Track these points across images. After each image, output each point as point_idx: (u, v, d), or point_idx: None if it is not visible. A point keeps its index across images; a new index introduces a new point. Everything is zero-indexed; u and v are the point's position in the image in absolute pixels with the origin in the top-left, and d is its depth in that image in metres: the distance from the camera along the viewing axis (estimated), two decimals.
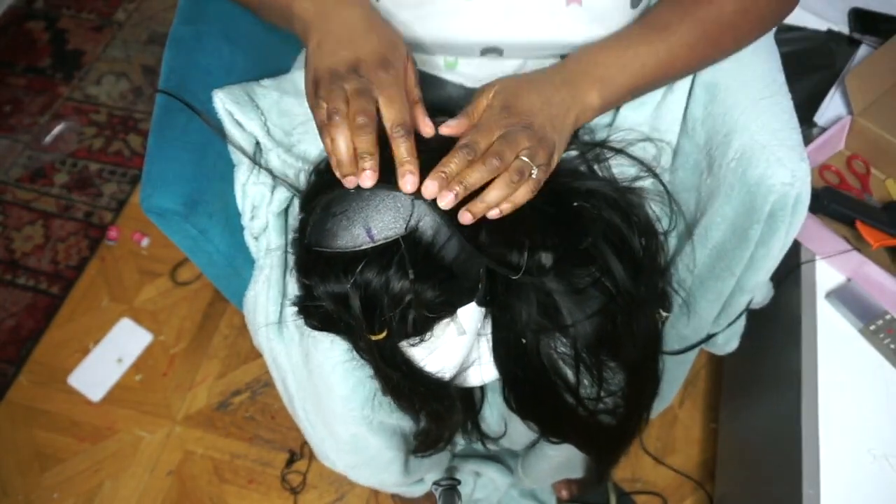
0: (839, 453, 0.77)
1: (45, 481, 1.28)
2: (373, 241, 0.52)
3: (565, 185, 0.63)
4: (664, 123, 0.73)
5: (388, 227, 0.53)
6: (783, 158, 0.63)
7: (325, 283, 0.53)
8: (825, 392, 0.80)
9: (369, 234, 0.53)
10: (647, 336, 0.67)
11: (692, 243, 0.75)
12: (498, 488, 1.08)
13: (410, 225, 0.53)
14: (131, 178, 1.65)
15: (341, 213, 0.54)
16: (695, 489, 1.18)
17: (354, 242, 0.53)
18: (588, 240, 0.59)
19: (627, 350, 0.64)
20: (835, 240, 0.84)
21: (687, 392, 1.27)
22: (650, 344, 0.68)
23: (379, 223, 0.53)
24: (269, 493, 1.24)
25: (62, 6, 2.00)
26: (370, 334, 0.54)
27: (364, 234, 0.53)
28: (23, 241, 1.56)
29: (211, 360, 1.39)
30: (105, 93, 1.80)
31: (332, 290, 0.53)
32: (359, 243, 0.53)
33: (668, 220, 0.71)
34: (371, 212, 0.53)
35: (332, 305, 0.54)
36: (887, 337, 0.82)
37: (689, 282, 0.79)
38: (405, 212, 0.53)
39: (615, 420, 0.68)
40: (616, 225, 0.62)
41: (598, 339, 0.60)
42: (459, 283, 0.55)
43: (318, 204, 0.55)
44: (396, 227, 0.53)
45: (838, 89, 0.97)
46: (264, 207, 0.73)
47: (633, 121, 0.73)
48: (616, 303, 0.60)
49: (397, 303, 0.52)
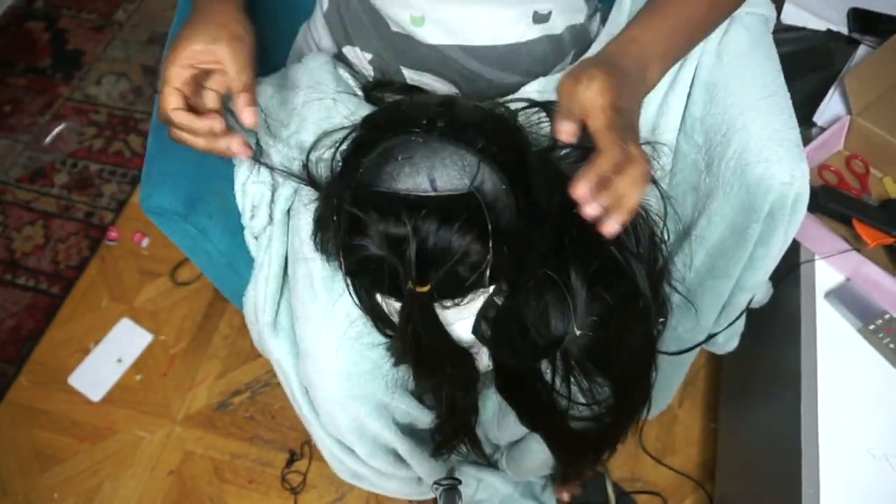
0: (839, 453, 0.77)
1: (45, 481, 1.28)
2: (436, 192, 0.53)
3: None
4: (665, 123, 0.73)
5: (453, 182, 0.53)
6: (782, 158, 0.63)
7: (384, 223, 0.53)
8: (825, 392, 0.80)
9: (433, 184, 0.53)
10: (646, 343, 0.66)
11: (690, 243, 0.75)
12: (499, 492, 1.08)
13: (475, 185, 0.53)
14: (131, 178, 1.65)
15: (405, 159, 0.54)
16: (695, 489, 1.18)
17: (417, 189, 0.53)
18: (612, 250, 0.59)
19: (621, 359, 0.63)
20: (834, 239, 0.84)
21: (686, 392, 1.27)
22: (647, 350, 0.67)
23: (444, 176, 0.53)
24: (269, 493, 1.24)
25: (62, 6, 2.00)
26: (417, 285, 0.54)
27: (427, 183, 0.53)
28: (23, 242, 1.57)
29: (211, 360, 1.39)
30: (105, 93, 1.80)
31: (391, 230, 0.53)
32: (422, 190, 0.53)
33: (663, 228, 0.70)
34: (437, 162, 0.53)
35: (384, 246, 0.53)
36: (886, 336, 0.82)
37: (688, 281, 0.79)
38: (471, 170, 0.53)
39: (595, 427, 0.67)
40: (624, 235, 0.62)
41: (596, 347, 0.60)
42: (510, 256, 0.55)
43: (378, 148, 0.55)
44: (460, 184, 0.53)
45: (837, 89, 0.97)
46: (264, 206, 0.73)
47: None
48: (624, 313, 0.60)
49: (451, 257, 0.52)
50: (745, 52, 0.69)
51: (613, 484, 1.18)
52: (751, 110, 0.66)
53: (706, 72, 0.70)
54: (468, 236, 0.52)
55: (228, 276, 0.83)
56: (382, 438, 0.77)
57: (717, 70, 0.70)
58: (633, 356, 0.63)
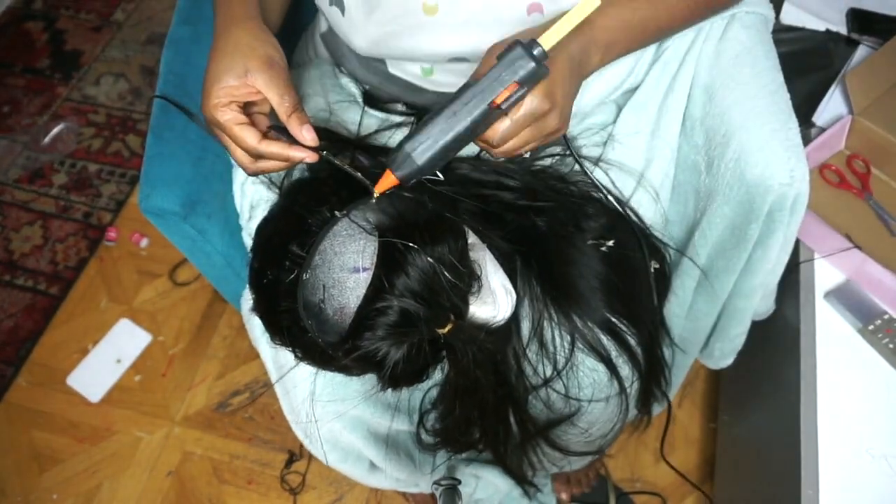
0: (838, 453, 0.76)
1: (43, 482, 1.27)
2: (369, 268, 0.52)
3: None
4: (665, 125, 0.73)
5: (366, 251, 0.52)
6: (782, 158, 0.63)
7: (375, 335, 0.51)
8: (824, 392, 0.80)
9: (358, 271, 0.52)
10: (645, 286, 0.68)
11: (694, 244, 0.75)
12: (499, 490, 1.08)
13: (380, 223, 0.53)
14: (130, 178, 1.64)
15: (321, 301, 0.52)
16: (694, 489, 1.18)
17: (359, 293, 0.51)
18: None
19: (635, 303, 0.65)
20: (835, 238, 0.84)
21: (686, 392, 1.27)
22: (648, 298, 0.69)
23: (353, 256, 0.52)
24: (268, 493, 1.24)
25: (61, 6, 2.00)
26: (440, 328, 0.53)
27: (358, 277, 0.51)
28: (21, 242, 1.56)
29: (210, 361, 1.39)
30: (104, 93, 1.80)
31: (387, 328, 0.51)
32: (360, 291, 0.51)
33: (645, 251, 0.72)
34: (341, 261, 0.52)
35: (395, 338, 0.52)
36: (886, 337, 0.81)
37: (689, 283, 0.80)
38: (364, 229, 0.52)
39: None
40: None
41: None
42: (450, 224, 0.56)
43: (295, 308, 0.54)
44: (369, 244, 0.52)
45: (837, 89, 0.97)
46: (262, 207, 0.73)
47: (635, 124, 0.73)
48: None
49: (435, 279, 0.51)
50: (745, 53, 0.69)
51: (613, 484, 1.18)
52: (750, 110, 0.66)
53: (705, 72, 0.70)
54: (420, 254, 0.51)
55: (227, 276, 0.83)
56: (356, 449, 0.78)
57: (716, 70, 0.69)
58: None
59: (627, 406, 0.73)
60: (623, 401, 0.72)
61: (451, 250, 0.53)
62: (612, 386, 0.70)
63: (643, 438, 1.22)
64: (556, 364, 0.66)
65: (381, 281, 0.51)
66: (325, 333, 0.52)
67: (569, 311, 0.65)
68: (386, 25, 0.65)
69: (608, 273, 0.66)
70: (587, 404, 0.70)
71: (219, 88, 0.57)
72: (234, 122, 0.57)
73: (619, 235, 0.68)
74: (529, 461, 0.77)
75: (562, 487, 1.17)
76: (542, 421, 0.71)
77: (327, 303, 0.52)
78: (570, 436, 0.74)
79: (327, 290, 0.52)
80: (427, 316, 0.51)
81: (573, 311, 0.66)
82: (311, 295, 0.52)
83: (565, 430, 0.73)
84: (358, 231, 0.52)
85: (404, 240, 0.51)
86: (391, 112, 0.77)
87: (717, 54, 0.70)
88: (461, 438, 0.73)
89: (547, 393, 0.69)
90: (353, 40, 0.68)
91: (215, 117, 0.57)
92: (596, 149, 0.74)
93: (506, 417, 0.68)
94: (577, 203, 0.69)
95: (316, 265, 0.52)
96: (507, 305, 0.59)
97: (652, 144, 0.73)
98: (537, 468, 0.80)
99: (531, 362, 0.67)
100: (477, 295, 0.56)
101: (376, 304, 0.51)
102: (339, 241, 0.52)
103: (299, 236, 0.54)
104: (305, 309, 0.52)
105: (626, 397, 0.71)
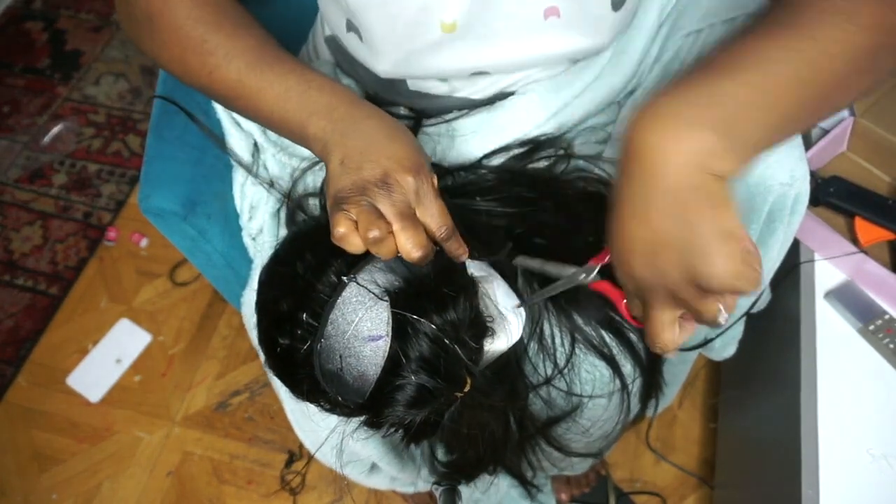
0: (838, 453, 0.76)
1: (43, 482, 1.27)
2: (384, 335, 0.49)
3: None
4: None
5: (379, 317, 0.49)
6: (782, 158, 0.63)
7: (394, 410, 0.49)
8: (824, 392, 0.80)
9: (374, 339, 0.49)
10: None
11: None
12: (499, 490, 1.08)
13: (393, 287, 0.50)
14: (130, 178, 1.64)
15: (339, 369, 0.50)
16: (694, 489, 1.18)
17: (377, 363, 0.49)
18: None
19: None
20: (835, 238, 0.84)
21: (686, 392, 1.27)
22: None
23: (367, 324, 0.49)
24: (268, 493, 1.24)
25: (61, 6, 2.00)
26: (459, 391, 0.51)
27: (375, 346, 0.49)
28: (21, 242, 1.56)
29: (210, 361, 1.39)
30: (104, 93, 1.80)
31: (405, 403, 0.49)
32: (378, 360, 0.49)
33: None
34: (354, 330, 0.49)
35: (414, 410, 0.50)
36: (886, 336, 0.81)
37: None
38: (375, 295, 0.50)
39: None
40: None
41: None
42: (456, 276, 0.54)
43: (314, 374, 0.51)
44: (380, 310, 0.49)
45: None
46: (262, 208, 0.73)
47: None
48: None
49: (450, 351, 0.49)
50: None
51: (613, 484, 1.18)
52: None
53: None
54: (430, 321, 0.49)
55: (227, 276, 0.83)
56: (362, 454, 0.78)
57: None
58: None
59: (629, 404, 0.73)
60: (625, 398, 0.72)
61: (466, 308, 0.51)
62: (613, 382, 0.70)
63: (643, 438, 1.22)
64: (557, 362, 0.66)
65: (397, 354, 0.49)
66: (345, 395, 0.51)
67: (570, 310, 0.65)
68: (405, 47, 0.64)
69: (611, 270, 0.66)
70: (588, 400, 0.70)
71: (422, 162, 0.51)
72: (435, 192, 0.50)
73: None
74: (528, 461, 0.77)
75: (561, 488, 1.17)
76: (542, 419, 0.71)
77: (346, 371, 0.50)
78: (570, 435, 0.74)
79: (344, 360, 0.50)
80: (445, 388, 0.50)
81: (574, 310, 0.65)
82: (327, 363, 0.50)
83: (566, 429, 0.73)
84: (368, 296, 0.50)
85: (416, 304, 0.49)
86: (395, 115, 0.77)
87: None
88: (474, 471, 0.72)
89: (548, 390, 0.69)
90: (374, 65, 0.67)
91: (420, 178, 0.50)
92: (597, 146, 0.74)
93: (506, 420, 0.67)
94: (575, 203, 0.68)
95: (329, 334, 0.50)
96: (519, 326, 0.58)
97: None
98: (536, 468, 0.80)
99: (531, 361, 0.67)
100: (491, 337, 0.55)
101: (394, 380, 0.49)
102: (350, 308, 0.50)
103: (307, 303, 0.50)
104: (324, 376, 0.51)
105: (629, 394, 0.71)
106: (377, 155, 0.50)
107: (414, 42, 0.63)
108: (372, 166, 0.50)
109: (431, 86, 0.72)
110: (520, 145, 0.71)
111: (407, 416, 0.49)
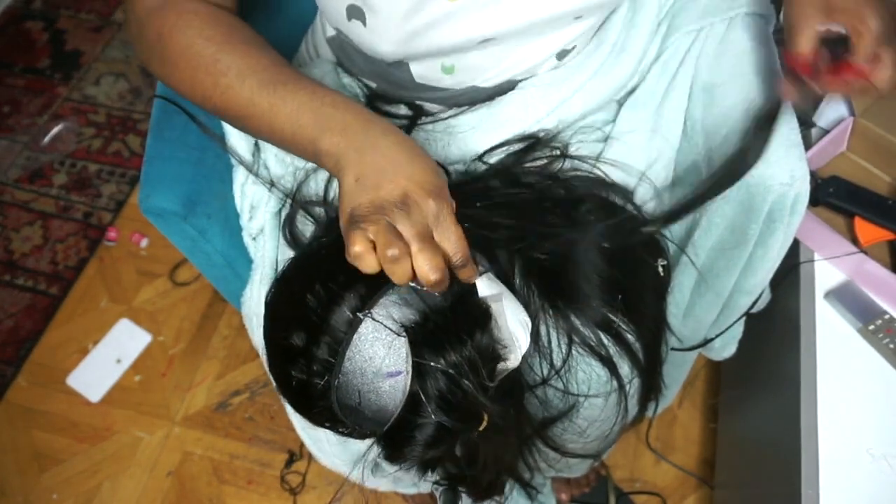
0: (838, 453, 0.76)
1: (43, 482, 1.27)
2: (403, 371, 0.48)
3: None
4: (665, 126, 0.73)
5: (397, 353, 0.48)
6: (782, 158, 0.63)
7: (413, 449, 0.49)
8: (824, 392, 0.80)
9: (392, 375, 0.48)
10: (655, 287, 0.66)
11: (692, 243, 0.75)
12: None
13: (409, 321, 0.49)
14: (130, 178, 1.64)
15: (358, 403, 0.49)
16: (694, 489, 1.18)
17: (397, 397, 0.48)
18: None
19: (642, 304, 0.63)
20: (835, 238, 0.84)
21: (686, 392, 1.27)
22: (658, 301, 0.68)
23: (384, 361, 0.48)
24: (268, 493, 1.24)
25: (61, 6, 2.00)
26: (479, 425, 0.50)
27: (394, 382, 0.48)
28: (21, 242, 1.56)
29: (210, 361, 1.39)
30: (104, 93, 1.80)
31: (424, 442, 0.49)
32: (397, 396, 0.48)
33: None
34: (372, 366, 0.49)
35: (433, 448, 0.50)
36: (886, 336, 0.81)
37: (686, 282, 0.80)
38: (392, 331, 0.49)
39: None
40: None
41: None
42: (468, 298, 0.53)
43: (331, 407, 0.50)
44: (398, 346, 0.48)
45: None
46: (263, 208, 0.73)
47: (633, 123, 0.73)
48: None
49: (465, 383, 0.48)
50: (745, 53, 0.69)
51: (613, 484, 1.18)
52: (750, 111, 0.66)
53: (706, 73, 0.70)
54: (453, 352, 0.48)
55: (227, 276, 0.83)
56: (358, 450, 0.78)
57: (716, 71, 0.69)
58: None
59: (626, 404, 0.73)
60: (622, 399, 0.72)
61: (482, 342, 0.50)
62: (610, 383, 0.70)
63: (643, 438, 1.22)
64: (553, 363, 0.66)
65: (417, 393, 0.48)
66: (363, 427, 0.50)
67: (567, 311, 0.65)
68: (410, 24, 0.63)
69: (609, 270, 0.65)
70: (584, 400, 0.70)
71: (442, 183, 0.50)
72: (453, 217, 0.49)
73: (619, 232, 0.68)
74: (526, 462, 0.77)
75: (561, 488, 1.17)
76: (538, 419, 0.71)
77: (364, 405, 0.49)
78: (567, 436, 0.74)
79: (363, 395, 0.49)
80: (463, 427, 0.49)
81: (572, 311, 0.65)
82: (345, 398, 0.49)
83: (563, 429, 0.73)
84: (385, 331, 0.49)
85: (434, 339, 0.48)
86: (394, 115, 0.77)
87: (718, 55, 0.70)
88: (487, 494, 0.72)
89: (544, 390, 0.69)
90: (379, 48, 0.66)
91: (440, 202, 0.49)
92: (595, 146, 0.74)
93: (519, 447, 0.68)
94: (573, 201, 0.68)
95: (347, 371, 0.49)
96: (526, 340, 0.58)
97: (651, 144, 0.73)
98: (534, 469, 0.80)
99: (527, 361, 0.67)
100: (504, 361, 0.55)
101: (414, 419, 0.48)
102: (368, 344, 0.49)
103: (322, 339, 0.49)
104: (342, 410, 0.49)
105: (626, 396, 0.71)
106: (397, 175, 0.49)
107: (420, 14, 0.62)
108: (391, 186, 0.49)
109: (437, 78, 0.71)
110: (519, 140, 0.71)
111: (426, 454, 0.49)
